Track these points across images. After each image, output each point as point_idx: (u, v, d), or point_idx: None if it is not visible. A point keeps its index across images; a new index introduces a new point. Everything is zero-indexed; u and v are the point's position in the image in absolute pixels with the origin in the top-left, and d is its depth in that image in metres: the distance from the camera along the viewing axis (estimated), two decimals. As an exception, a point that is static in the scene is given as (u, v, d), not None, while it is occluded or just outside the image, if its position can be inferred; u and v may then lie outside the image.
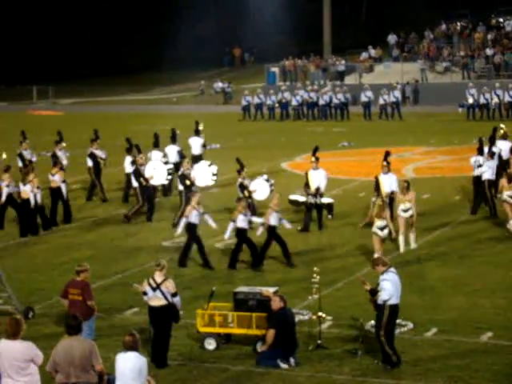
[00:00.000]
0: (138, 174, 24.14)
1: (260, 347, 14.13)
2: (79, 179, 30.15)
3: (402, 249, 20.43)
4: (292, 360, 13.83)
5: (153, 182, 24.51)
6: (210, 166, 25.41)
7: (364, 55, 60.35)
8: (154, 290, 13.91)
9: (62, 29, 77.34)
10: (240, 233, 19.24)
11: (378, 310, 13.59)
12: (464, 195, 26.42)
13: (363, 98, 49.17)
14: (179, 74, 70.75)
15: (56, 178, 23.99)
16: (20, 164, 28.14)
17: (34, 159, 28.10)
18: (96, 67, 76.10)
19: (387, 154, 22.54)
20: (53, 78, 69.33)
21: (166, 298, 13.85)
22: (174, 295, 13.97)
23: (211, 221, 19.93)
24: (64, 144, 28.43)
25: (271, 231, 19.35)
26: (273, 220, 19.34)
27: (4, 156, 27.61)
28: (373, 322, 14.93)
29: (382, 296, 13.40)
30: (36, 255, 21.19)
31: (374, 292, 13.51)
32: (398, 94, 48.94)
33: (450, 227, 22.85)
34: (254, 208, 22.34)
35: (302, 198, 22.96)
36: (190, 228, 19.31)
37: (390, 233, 19.35)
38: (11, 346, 10.77)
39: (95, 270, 18.68)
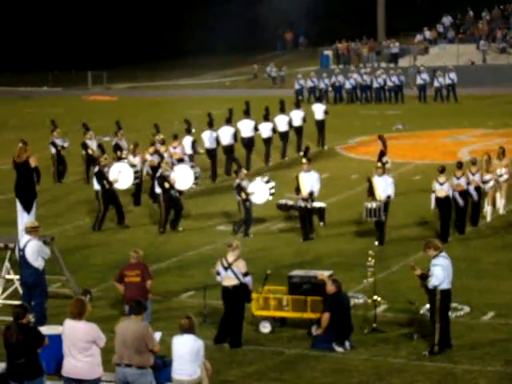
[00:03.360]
0: (101, 176, 22.00)
1: (315, 331, 14.12)
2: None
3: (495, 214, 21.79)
4: (347, 343, 13.81)
5: (117, 186, 22.43)
6: (192, 168, 23.51)
7: (419, 37, 59.71)
8: (225, 269, 14.05)
9: (117, 14, 77.81)
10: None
11: (430, 294, 13.49)
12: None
13: (418, 81, 48.70)
14: (232, 58, 70.68)
15: (177, 151, 25.30)
16: (53, 151, 28.00)
17: (65, 145, 28.06)
18: (149, 52, 76.38)
19: (382, 153, 20.76)
20: (107, 63, 69.77)
21: (237, 277, 13.98)
22: (245, 275, 14.07)
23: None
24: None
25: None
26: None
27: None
28: (428, 305, 14.85)
29: (432, 281, 13.30)
30: (92, 238, 21.43)
31: (425, 277, 13.41)
32: (453, 76, 48.34)
33: (507, 210, 22.55)
34: (250, 210, 20.79)
35: (291, 202, 21.05)
36: None
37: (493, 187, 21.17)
38: (75, 326, 10.93)
39: (151, 253, 18.89)
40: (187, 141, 27.04)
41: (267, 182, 21.48)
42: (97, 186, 22.04)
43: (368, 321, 14.63)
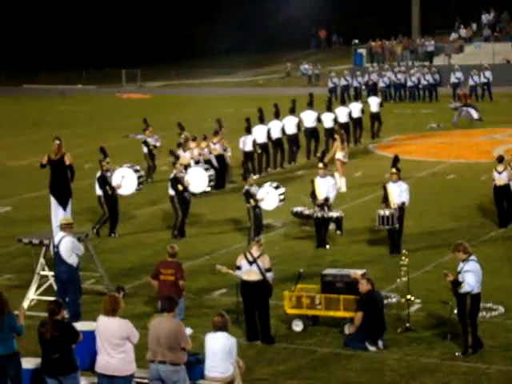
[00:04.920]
0: (104, 181, 21.21)
1: (348, 329, 14.10)
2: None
3: None
4: (380, 343, 13.77)
5: (120, 192, 21.56)
6: (206, 170, 23.31)
7: (454, 35, 59.30)
8: (250, 263, 14.07)
9: (149, 12, 78.16)
10: None
11: (459, 298, 13.40)
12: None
13: (453, 79, 48.38)
14: (265, 56, 70.69)
15: (217, 147, 26.08)
16: (145, 151, 27.61)
17: (158, 144, 27.90)
18: (183, 50, 76.69)
19: (396, 159, 19.60)
20: (141, 61, 70.11)
21: (261, 272, 14.01)
22: (267, 270, 14.10)
23: None
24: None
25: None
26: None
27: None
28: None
29: (465, 288, 13.23)
30: (123, 235, 21.53)
31: (457, 283, 13.31)
32: (488, 74, 47.94)
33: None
34: (260, 217, 20.11)
35: (307, 211, 20.12)
36: None
37: None
38: (109, 322, 11.00)
39: (184, 250, 18.92)
40: (249, 139, 27.12)
41: (276, 187, 20.86)
42: (99, 192, 21.33)
43: (401, 320, 14.57)
